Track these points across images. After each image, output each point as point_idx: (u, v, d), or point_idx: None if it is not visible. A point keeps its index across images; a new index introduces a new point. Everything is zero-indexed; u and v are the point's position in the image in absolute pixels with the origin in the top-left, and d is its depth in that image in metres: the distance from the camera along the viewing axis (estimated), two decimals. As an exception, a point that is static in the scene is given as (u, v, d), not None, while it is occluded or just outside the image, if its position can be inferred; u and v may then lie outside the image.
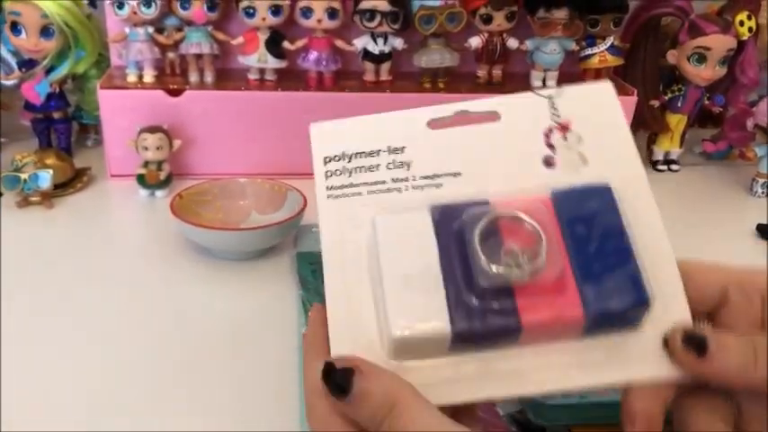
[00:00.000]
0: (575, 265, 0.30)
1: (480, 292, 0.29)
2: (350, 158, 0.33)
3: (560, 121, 0.34)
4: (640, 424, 0.31)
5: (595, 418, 0.43)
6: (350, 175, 0.33)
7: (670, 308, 0.31)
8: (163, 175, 0.77)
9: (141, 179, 0.77)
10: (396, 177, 0.33)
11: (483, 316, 0.29)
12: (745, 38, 0.84)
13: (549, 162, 0.33)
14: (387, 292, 0.29)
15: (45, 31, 0.78)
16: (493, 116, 0.34)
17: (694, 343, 0.29)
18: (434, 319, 0.29)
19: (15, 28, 0.78)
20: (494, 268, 0.29)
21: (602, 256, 0.30)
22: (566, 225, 0.30)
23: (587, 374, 0.30)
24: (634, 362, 0.30)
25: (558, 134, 0.33)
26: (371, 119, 0.34)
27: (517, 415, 0.45)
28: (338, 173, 0.33)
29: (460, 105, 0.34)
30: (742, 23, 0.83)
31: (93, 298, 0.59)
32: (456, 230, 0.30)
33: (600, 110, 0.34)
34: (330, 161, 0.34)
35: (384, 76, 0.84)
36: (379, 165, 0.33)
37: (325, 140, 0.34)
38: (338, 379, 0.28)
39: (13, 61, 0.82)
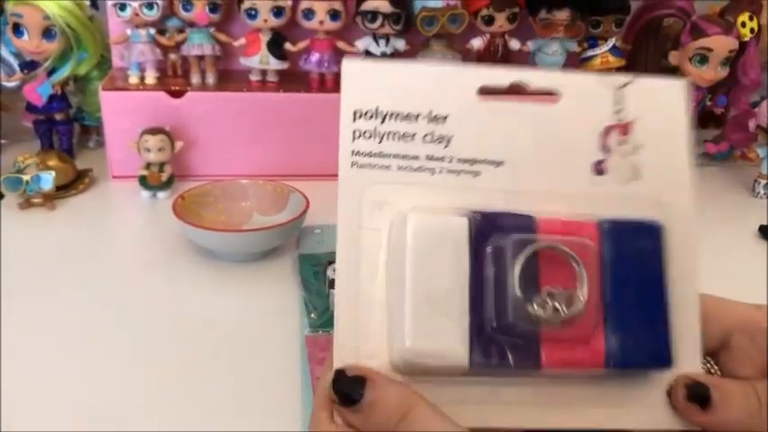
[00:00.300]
0: (607, 310, 0.28)
1: (506, 327, 0.27)
2: (383, 119, 0.29)
3: (622, 121, 0.30)
4: None
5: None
6: (380, 141, 0.29)
7: (684, 356, 0.29)
8: (165, 177, 0.77)
9: (143, 181, 0.77)
10: (431, 155, 0.29)
11: (503, 353, 0.27)
12: (746, 39, 0.84)
13: (599, 168, 0.30)
14: (408, 307, 0.27)
15: (47, 33, 0.78)
16: (551, 96, 0.31)
17: (697, 395, 0.29)
18: (453, 348, 0.27)
19: (17, 29, 0.78)
20: (529, 308, 0.27)
21: (638, 306, 0.28)
22: (608, 263, 0.28)
23: (593, 416, 0.29)
24: (642, 408, 0.29)
25: (617, 136, 0.30)
26: (416, 69, 0.30)
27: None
28: (368, 135, 0.29)
29: (519, 75, 0.30)
30: (744, 24, 0.83)
31: (95, 299, 0.59)
32: (493, 250, 0.28)
33: (668, 113, 0.31)
34: (360, 117, 0.29)
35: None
36: (415, 134, 0.29)
37: (359, 86, 0.29)
38: (347, 387, 0.27)
39: (14, 63, 0.82)
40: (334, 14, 0.79)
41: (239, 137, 0.81)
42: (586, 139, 0.30)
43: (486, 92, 0.30)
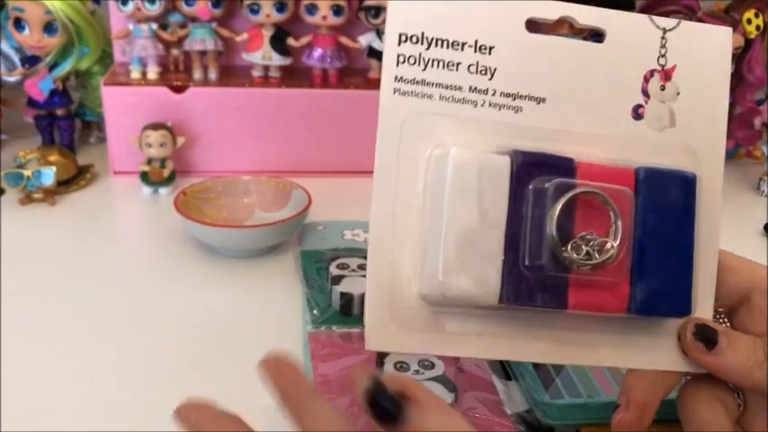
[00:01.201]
0: (635, 254, 0.29)
1: (538, 267, 0.28)
2: (429, 45, 0.28)
3: (666, 66, 0.30)
4: (633, 410, 0.31)
5: (604, 418, 0.43)
6: (425, 69, 0.28)
7: (699, 305, 0.31)
8: (166, 173, 0.76)
9: (144, 176, 0.77)
10: (475, 86, 0.29)
11: (532, 292, 0.28)
12: (752, 36, 0.83)
13: (638, 112, 0.30)
14: (443, 241, 0.27)
15: (48, 28, 0.78)
16: (598, 33, 0.30)
17: (704, 335, 0.30)
18: (485, 284, 0.28)
19: (19, 24, 0.78)
20: (563, 252, 0.28)
21: (666, 255, 0.29)
22: (641, 211, 0.29)
23: (609, 356, 0.31)
24: (655, 352, 0.31)
25: (659, 81, 0.30)
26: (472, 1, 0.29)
27: (525, 415, 0.45)
28: (412, 61, 0.28)
29: (567, 9, 0.30)
30: (749, 21, 0.83)
31: (96, 296, 0.59)
32: (532, 191, 0.28)
33: (709, 61, 0.31)
34: (406, 41, 0.28)
35: (389, 74, 0.84)
36: (460, 63, 0.29)
37: (405, 9, 0.29)
38: (387, 403, 0.26)
39: (16, 57, 0.81)
40: (337, 10, 0.79)
41: (241, 133, 0.80)
42: (628, 81, 0.30)
43: (533, 27, 0.30)
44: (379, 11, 0.78)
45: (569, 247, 0.28)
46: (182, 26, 0.81)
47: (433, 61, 0.29)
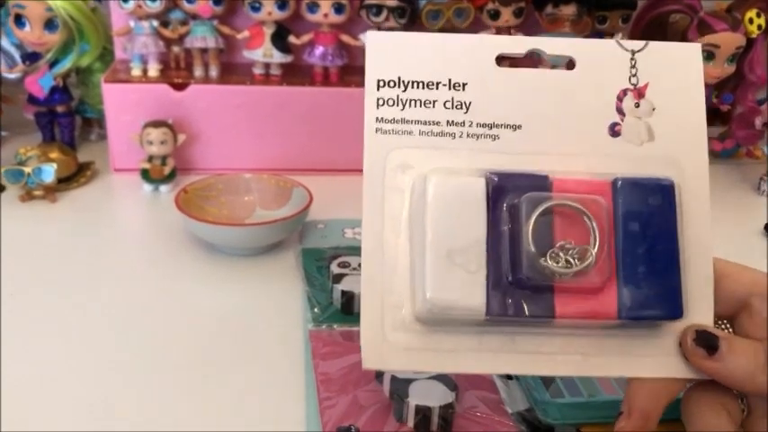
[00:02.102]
0: (620, 263, 0.29)
1: (522, 280, 0.29)
2: (405, 87, 0.31)
3: (638, 85, 0.31)
4: (636, 419, 0.31)
5: (604, 417, 0.43)
6: (403, 109, 0.31)
7: (696, 310, 0.31)
8: (167, 170, 0.76)
9: (145, 174, 0.76)
10: (452, 120, 0.31)
11: (519, 304, 0.29)
12: (754, 35, 0.83)
13: (614, 130, 0.31)
14: (428, 261, 0.29)
15: (49, 24, 0.78)
16: (567, 63, 0.32)
17: (706, 341, 0.30)
18: (471, 299, 0.29)
19: (19, 20, 0.77)
20: (542, 261, 0.29)
21: (650, 260, 0.29)
22: (621, 218, 0.30)
23: (606, 365, 0.31)
24: (653, 359, 0.31)
25: (632, 99, 0.31)
26: (436, 40, 0.31)
27: (525, 413, 0.45)
28: (391, 103, 0.31)
29: (535, 43, 0.32)
30: (751, 21, 0.83)
31: (97, 293, 0.59)
32: (509, 207, 0.29)
33: (681, 76, 0.32)
34: (384, 86, 0.31)
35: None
36: (436, 101, 0.31)
37: (382, 57, 0.31)
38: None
39: (16, 54, 0.81)
40: (338, 8, 0.79)
41: (242, 130, 0.80)
42: (602, 102, 0.31)
43: (503, 61, 0.31)
44: (380, 9, 0.78)
45: (548, 257, 0.29)
46: (183, 23, 0.81)
47: (410, 101, 0.31)
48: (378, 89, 0.31)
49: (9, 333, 0.53)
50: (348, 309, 0.55)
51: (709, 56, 0.83)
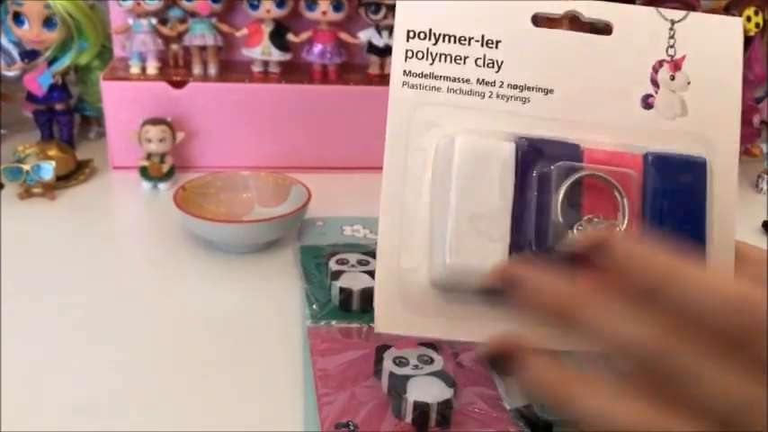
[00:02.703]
0: (646, 236, 0.29)
1: (546, 250, 0.28)
2: (436, 40, 0.29)
3: (675, 56, 0.30)
4: None
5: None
6: (432, 62, 0.29)
7: None
8: (166, 168, 0.76)
9: (144, 171, 0.77)
10: (482, 78, 0.29)
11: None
12: (752, 33, 0.83)
13: (647, 102, 0.30)
14: (450, 225, 0.28)
15: (48, 22, 0.78)
16: (605, 28, 0.31)
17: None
18: (488, 256, 0.28)
19: (18, 18, 0.77)
20: (569, 234, 0.28)
21: (677, 236, 0.28)
22: (650, 194, 0.29)
23: None
24: None
25: (668, 71, 0.30)
26: None
27: (524, 410, 0.45)
28: (420, 56, 0.29)
29: (573, 5, 0.31)
30: (749, 19, 0.83)
31: (95, 291, 0.59)
32: (539, 175, 0.28)
33: (720, 51, 0.30)
34: (414, 37, 0.29)
35: (389, 70, 0.84)
36: (467, 57, 0.29)
37: (413, 6, 0.30)
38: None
39: (15, 52, 0.81)
40: (337, 5, 0.79)
41: (241, 128, 0.80)
42: (637, 72, 0.30)
43: (539, 22, 0.30)
44: (378, 7, 0.78)
45: (575, 229, 0.28)
46: (181, 21, 0.81)
47: (440, 56, 0.29)
48: (407, 40, 0.29)
49: (8, 332, 0.53)
50: (346, 306, 0.55)
51: (707, 54, 0.83)
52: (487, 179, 0.28)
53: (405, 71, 0.29)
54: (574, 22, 0.31)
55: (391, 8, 0.78)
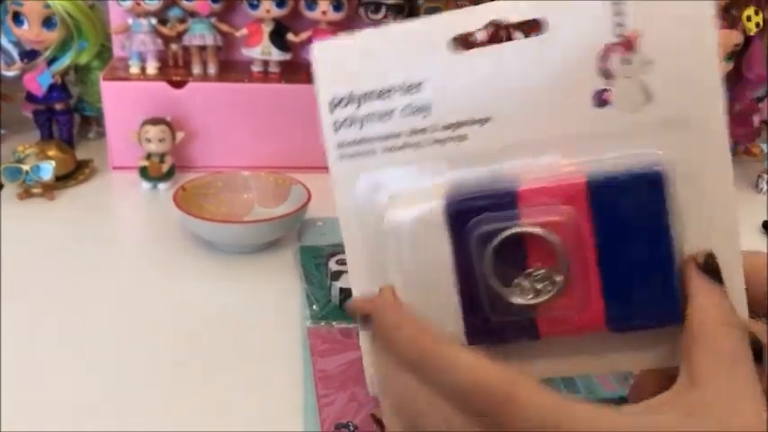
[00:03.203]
0: (604, 272, 0.26)
1: (498, 307, 0.26)
2: (359, 103, 0.28)
3: (625, 34, 0.25)
4: None
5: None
6: (361, 127, 0.28)
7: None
8: (165, 168, 0.76)
9: (144, 171, 0.76)
10: (413, 128, 0.27)
11: (499, 330, 0.27)
12: (752, 33, 0.83)
13: (601, 98, 0.25)
14: (404, 296, 0.27)
15: (47, 22, 0.78)
16: (535, 27, 0.26)
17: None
18: (452, 330, 0.27)
19: (17, 18, 0.77)
20: (510, 298, 0.26)
21: (638, 264, 0.25)
22: (600, 223, 0.25)
23: (616, 360, 0.28)
24: (653, 350, 0.28)
25: (620, 55, 0.25)
26: (382, 34, 0.27)
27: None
28: (348, 123, 0.28)
29: (493, 10, 0.26)
30: (749, 18, 0.83)
31: (95, 291, 0.59)
32: (472, 233, 0.26)
33: (682, 20, 0.24)
34: (337, 106, 0.28)
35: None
36: (392, 110, 0.27)
37: (331, 72, 0.28)
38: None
39: (14, 52, 0.81)
40: (337, 5, 0.79)
41: (241, 128, 0.80)
42: (582, 67, 0.25)
43: (460, 44, 0.27)
44: (378, 6, 0.78)
45: (514, 288, 0.26)
46: (181, 21, 0.80)
47: (367, 117, 0.28)
48: (332, 112, 0.28)
49: (7, 329, 0.53)
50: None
51: (707, 53, 0.83)
52: (425, 247, 0.27)
53: (338, 144, 0.28)
54: (501, 30, 0.28)
55: (391, 8, 0.78)
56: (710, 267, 0.26)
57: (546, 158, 0.26)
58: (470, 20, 0.26)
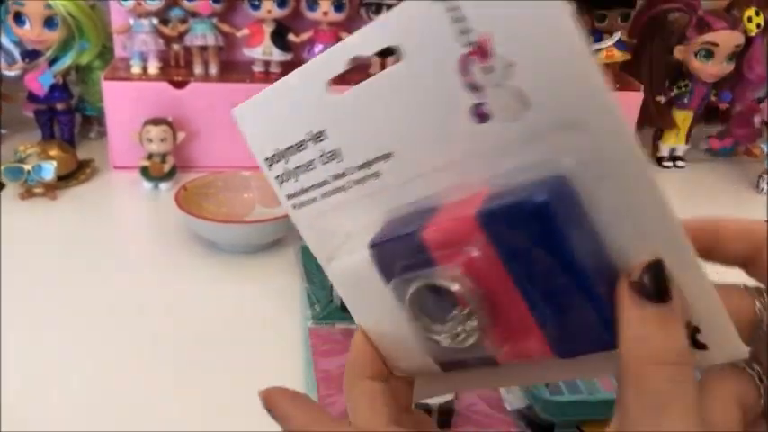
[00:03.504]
0: (529, 304, 0.24)
1: (445, 350, 0.25)
2: (286, 158, 0.27)
3: (474, 40, 0.22)
4: None
5: (603, 415, 0.43)
6: (296, 179, 0.28)
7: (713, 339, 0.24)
8: (167, 168, 0.76)
9: (145, 171, 0.77)
10: (335, 174, 0.27)
11: (462, 361, 0.26)
12: (753, 34, 0.84)
13: (479, 112, 0.22)
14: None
15: (49, 22, 0.78)
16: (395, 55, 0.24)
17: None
18: (422, 364, 0.27)
19: (19, 18, 0.77)
20: (440, 340, 0.25)
21: (558, 293, 0.23)
22: (504, 257, 0.23)
23: (560, 369, 0.27)
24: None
25: (478, 64, 0.22)
26: (281, 88, 0.27)
27: (525, 411, 0.45)
28: (286, 177, 0.28)
29: (350, 48, 0.25)
30: (750, 19, 0.83)
31: (96, 290, 0.59)
32: (397, 281, 0.25)
33: (534, 9, 0.21)
34: (272, 163, 0.28)
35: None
36: (312, 161, 0.27)
37: (256, 133, 0.28)
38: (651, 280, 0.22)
39: (16, 52, 0.81)
40: (338, 5, 0.79)
41: (242, 128, 0.80)
42: (447, 85, 0.23)
43: (335, 86, 0.26)
44: (379, 7, 0.78)
45: (443, 335, 0.25)
46: (182, 21, 0.81)
47: (296, 170, 0.28)
48: (270, 168, 0.28)
49: (8, 328, 0.53)
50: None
51: (707, 54, 0.83)
52: (367, 291, 0.26)
53: (286, 196, 0.28)
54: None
55: (392, 8, 0.78)
56: (646, 286, 0.22)
57: (452, 180, 0.24)
58: (334, 61, 0.25)
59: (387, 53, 0.26)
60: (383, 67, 0.83)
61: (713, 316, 0.23)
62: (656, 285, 0.22)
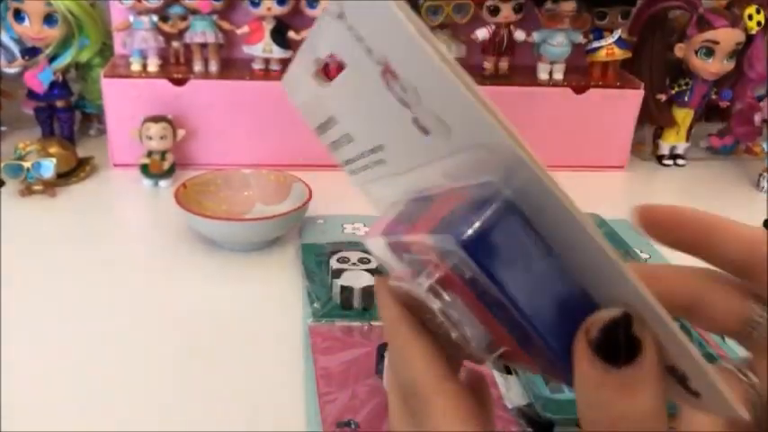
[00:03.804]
0: (504, 327, 0.21)
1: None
2: (325, 132, 0.28)
3: (379, 60, 0.20)
4: None
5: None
6: (337, 152, 0.28)
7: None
8: (166, 165, 0.76)
9: (145, 169, 0.76)
10: (357, 153, 0.27)
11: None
12: (753, 32, 0.83)
13: (420, 126, 0.21)
14: None
15: (48, 19, 0.78)
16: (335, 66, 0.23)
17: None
18: None
19: (19, 15, 0.77)
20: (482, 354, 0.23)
21: (516, 325, 0.20)
22: (469, 282, 0.21)
23: None
24: None
25: (393, 80, 0.20)
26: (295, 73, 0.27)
27: (525, 409, 0.45)
28: (333, 148, 0.28)
29: (312, 49, 0.24)
30: (751, 17, 0.83)
31: (96, 288, 0.59)
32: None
33: (390, 31, 0.19)
34: (320, 135, 0.28)
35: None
36: (339, 139, 0.27)
37: (299, 105, 0.28)
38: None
39: (15, 49, 0.81)
40: (338, 3, 0.79)
41: (242, 126, 0.80)
42: (387, 99, 0.21)
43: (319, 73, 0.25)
44: (380, 4, 0.78)
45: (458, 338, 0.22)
46: (182, 18, 0.80)
47: (334, 144, 0.27)
48: (320, 138, 0.28)
49: (8, 326, 0.53)
50: (348, 304, 0.55)
51: (708, 52, 0.83)
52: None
53: (341, 162, 0.28)
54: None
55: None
56: (605, 346, 0.18)
57: (429, 178, 0.23)
58: (306, 61, 0.24)
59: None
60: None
61: (697, 375, 0.19)
62: (618, 346, 0.18)
